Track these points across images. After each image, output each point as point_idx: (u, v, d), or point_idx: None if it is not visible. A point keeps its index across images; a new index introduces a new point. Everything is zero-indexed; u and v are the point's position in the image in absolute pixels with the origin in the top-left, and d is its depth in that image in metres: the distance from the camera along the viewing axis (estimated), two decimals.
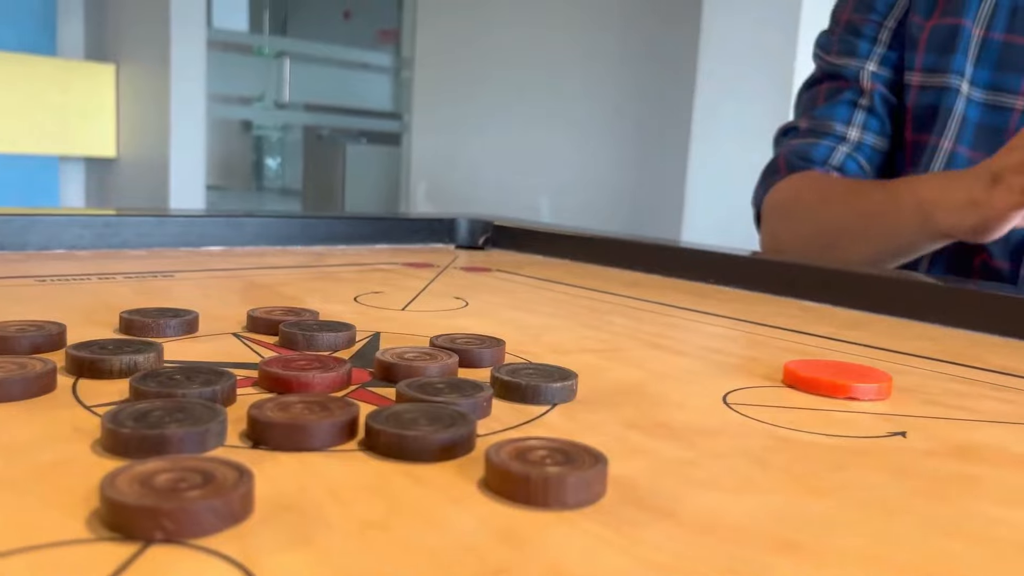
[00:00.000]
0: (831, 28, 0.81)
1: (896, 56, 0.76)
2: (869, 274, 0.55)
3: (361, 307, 0.46)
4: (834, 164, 0.75)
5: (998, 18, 0.70)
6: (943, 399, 0.34)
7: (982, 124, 0.71)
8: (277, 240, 0.69)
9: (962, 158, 0.71)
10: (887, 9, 0.76)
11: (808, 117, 0.78)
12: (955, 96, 0.71)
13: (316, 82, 4.61)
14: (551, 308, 0.50)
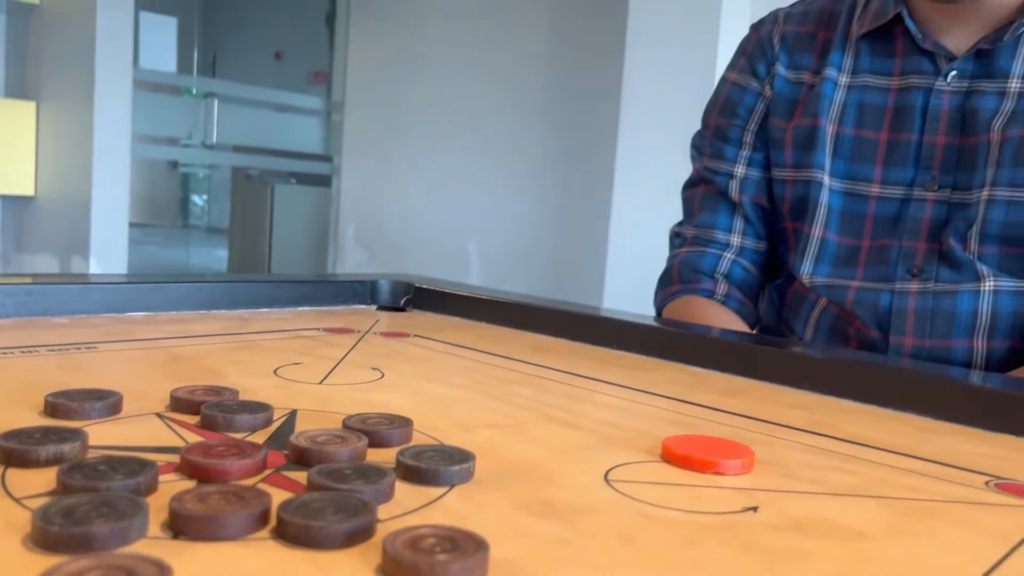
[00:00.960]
0: (702, 132, 0.89)
1: (762, 156, 0.83)
2: (750, 344, 0.60)
3: (280, 381, 0.49)
4: (722, 272, 0.83)
5: (847, 116, 0.77)
6: (798, 471, 0.38)
7: (844, 211, 0.78)
8: (201, 304, 0.70)
9: (831, 243, 0.79)
10: (748, 114, 0.84)
11: (693, 225, 0.86)
12: (819, 188, 0.78)
13: (245, 123, 4.59)
14: (462, 378, 0.53)
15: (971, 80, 0.73)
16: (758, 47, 0.85)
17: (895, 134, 0.76)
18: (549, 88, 3.91)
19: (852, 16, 0.80)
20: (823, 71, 0.79)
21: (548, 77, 3.92)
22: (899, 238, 0.75)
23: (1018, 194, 0.70)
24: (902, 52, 0.76)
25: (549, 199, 3.94)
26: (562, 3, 3.83)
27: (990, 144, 0.71)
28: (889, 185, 0.76)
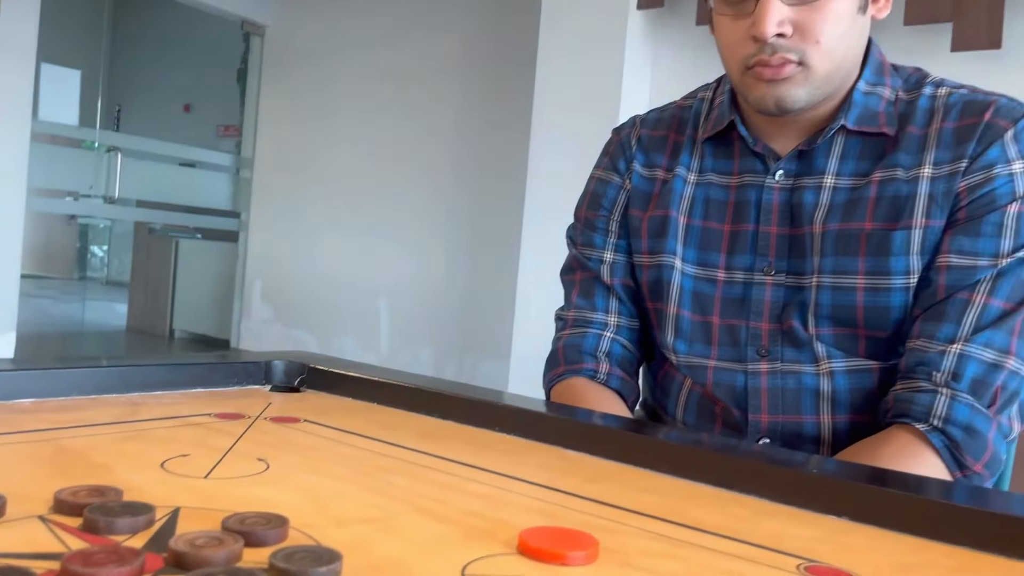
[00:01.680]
0: (574, 223, 0.98)
1: (625, 243, 0.93)
2: (615, 428, 0.65)
3: (166, 475, 0.51)
4: (603, 351, 0.90)
5: (695, 209, 0.87)
6: (636, 559, 0.43)
7: (695, 292, 0.86)
8: (92, 389, 0.72)
9: (686, 319, 0.87)
10: (612, 206, 0.93)
11: (574, 308, 0.94)
12: (672, 271, 0.87)
13: (151, 177, 4.50)
14: (345, 468, 0.57)
15: (795, 177, 0.82)
16: (619, 148, 0.95)
17: (736, 225, 0.85)
18: (459, 149, 4.00)
19: (697, 123, 0.90)
20: (674, 169, 0.89)
21: (458, 138, 4.01)
22: (746, 319, 0.83)
23: (840, 280, 0.78)
24: (738, 154, 0.86)
25: (458, 256, 4.00)
26: (472, 70, 3.94)
27: (814, 235, 0.80)
28: (733, 270, 0.85)
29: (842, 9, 0.74)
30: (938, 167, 0.76)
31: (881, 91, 0.81)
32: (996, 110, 0.76)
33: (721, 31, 0.80)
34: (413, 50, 4.11)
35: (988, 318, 0.72)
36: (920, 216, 0.76)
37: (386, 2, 4.19)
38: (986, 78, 2.67)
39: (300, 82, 4.57)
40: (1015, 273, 0.73)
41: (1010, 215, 0.73)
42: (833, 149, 0.81)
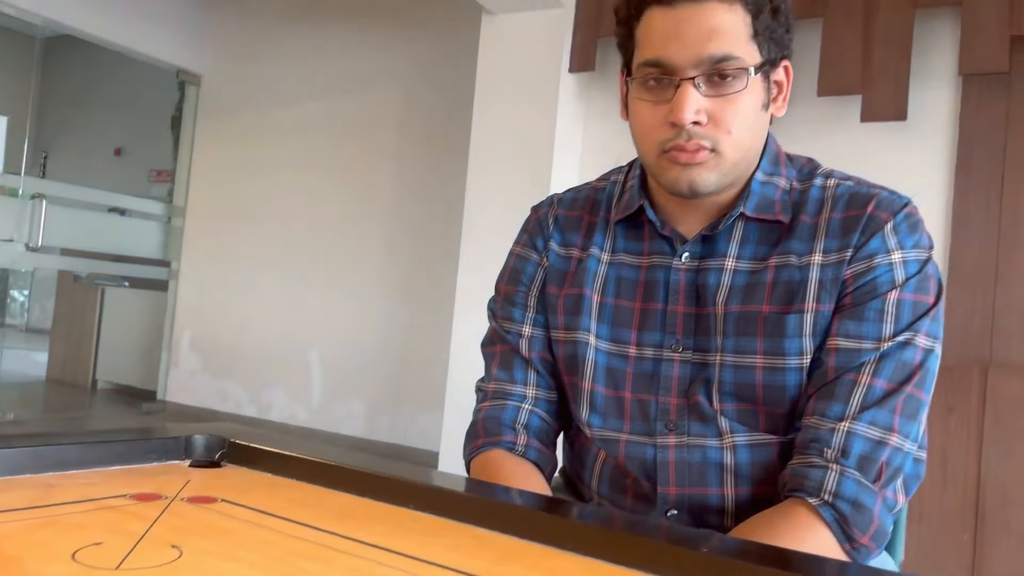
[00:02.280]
0: (495, 297, 1.01)
1: (542, 318, 0.96)
2: (526, 506, 0.68)
3: (78, 568, 0.52)
4: (522, 423, 0.93)
5: (608, 287, 0.91)
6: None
7: (608, 367, 0.90)
8: (4, 470, 0.71)
9: (599, 394, 0.90)
10: (530, 282, 0.97)
11: (494, 381, 0.97)
12: (586, 347, 0.91)
13: (78, 225, 4.41)
14: (258, 553, 0.58)
15: (700, 259, 0.87)
16: (537, 226, 0.99)
17: (646, 303, 0.89)
18: (395, 201, 4.03)
19: (610, 205, 0.95)
20: (588, 249, 0.94)
21: (395, 191, 4.04)
22: (655, 393, 0.87)
23: (741, 360, 0.83)
24: (648, 236, 0.91)
25: (393, 308, 4.00)
26: (410, 124, 3.99)
27: (717, 315, 0.85)
28: (644, 346, 0.89)
29: (749, 104, 0.81)
30: (827, 255, 0.82)
31: (777, 180, 0.87)
32: (877, 203, 0.82)
33: (639, 115, 0.84)
34: (351, 102, 4.16)
35: (873, 398, 0.77)
36: (811, 301, 0.81)
37: (325, 55, 4.24)
38: (893, 147, 2.84)
39: (236, 131, 4.57)
40: (896, 356, 0.78)
41: (890, 302, 0.79)
42: (734, 234, 0.87)
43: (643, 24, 0.82)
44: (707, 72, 0.78)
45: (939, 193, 2.69)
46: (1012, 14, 2.47)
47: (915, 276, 0.80)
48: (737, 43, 0.79)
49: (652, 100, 0.82)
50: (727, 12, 0.78)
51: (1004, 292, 2.54)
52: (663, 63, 0.79)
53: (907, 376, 0.78)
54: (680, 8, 0.79)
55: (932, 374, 0.81)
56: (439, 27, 3.88)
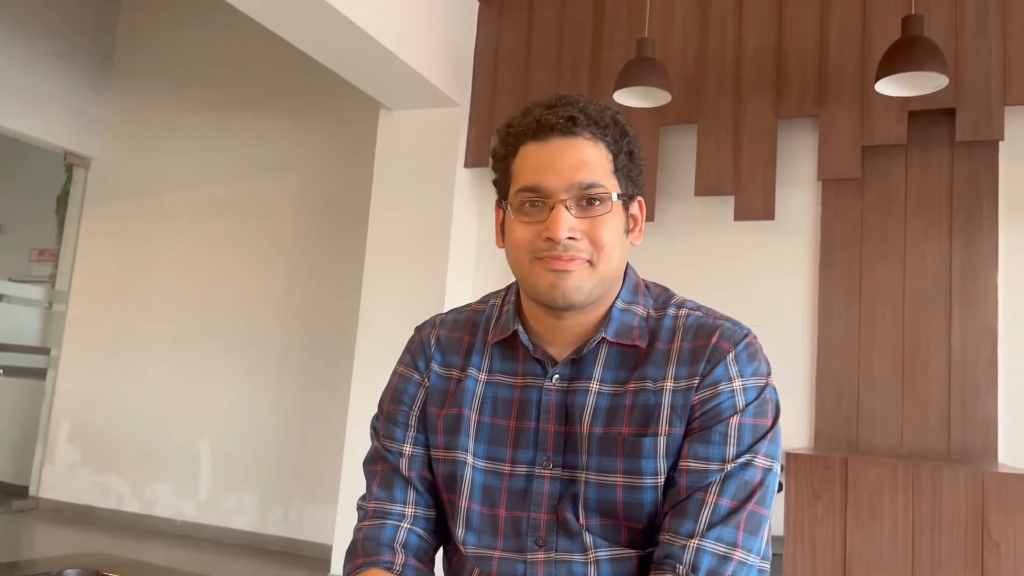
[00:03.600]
0: (378, 415, 1.03)
1: (423, 437, 0.99)
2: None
3: None
4: (400, 542, 0.95)
5: (485, 407, 0.95)
6: None
7: (485, 485, 0.93)
8: None
9: (476, 512, 0.93)
10: (411, 401, 1.00)
11: (374, 500, 0.99)
12: (464, 466, 0.94)
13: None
14: None
15: (568, 381, 0.92)
16: (419, 347, 1.02)
17: (520, 422, 0.93)
18: (292, 286, 3.98)
19: (488, 327, 1.00)
20: (467, 369, 0.98)
21: (290, 277, 4.00)
22: (527, 510, 0.91)
23: (604, 478, 0.88)
24: (522, 357, 0.95)
25: (287, 398, 3.91)
26: (307, 211, 3.99)
27: (583, 435, 0.90)
28: (517, 464, 0.92)
29: (615, 226, 0.90)
30: (677, 381, 0.89)
31: (635, 308, 0.95)
32: (721, 334, 0.91)
33: (516, 234, 0.90)
34: (247, 190, 4.14)
35: (719, 515, 0.84)
36: (664, 424, 0.88)
37: (221, 141, 4.23)
38: (764, 243, 3.06)
39: (126, 214, 4.46)
40: (738, 476, 0.85)
41: (732, 426, 0.87)
42: (598, 358, 0.92)
43: (520, 158, 0.90)
44: (577, 196, 0.87)
45: (806, 286, 2.90)
46: (863, 126, 2.74)
47: (754, 402, 0.88)
48: (602, 174, 0.88)
49: (528, 221, 0.89)
50: (593, 147, 0.89)
51: (866, 377, 2.74)
52: (539, 188, 0.87)
53: (749, 494, 0.85)
54: (553, 143, 0.88)
55: (771, 491, 0.87)
56: (338, 120, 3.95)
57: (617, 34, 3.12)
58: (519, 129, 0.91)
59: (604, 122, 0.90)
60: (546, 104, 0.91)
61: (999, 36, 2.62)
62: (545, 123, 0.88)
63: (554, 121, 0.88)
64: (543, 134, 0.89)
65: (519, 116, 0.92)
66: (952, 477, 2.19)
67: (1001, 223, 2.68)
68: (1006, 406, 2.60)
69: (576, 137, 0.88)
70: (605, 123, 0.90)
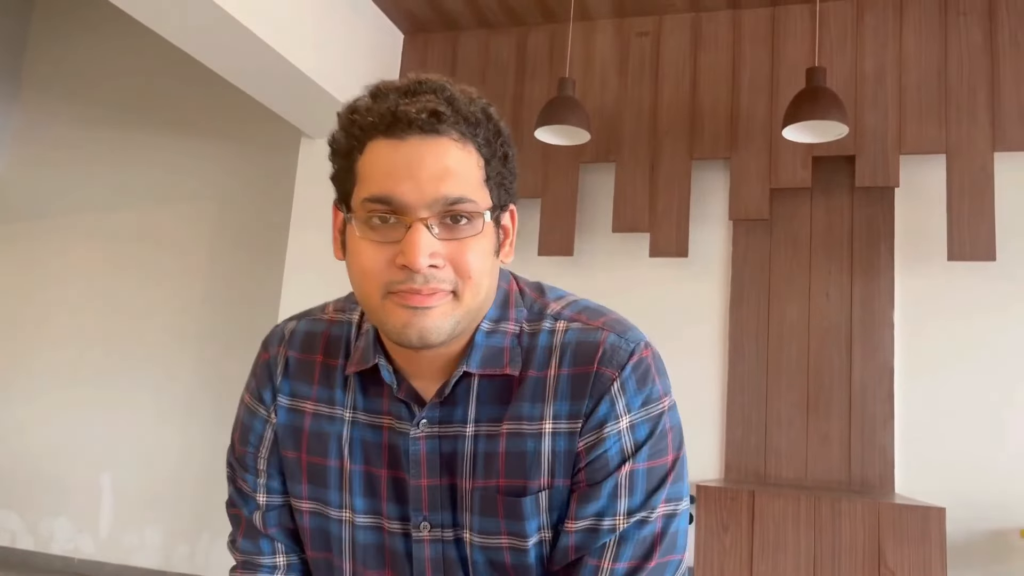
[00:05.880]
0: (232, 449, 0.88)
1: (278, 483, 0.84)
2: None
3: None
4: None
5: (355, 452, 0.80)
6: None
7: (367, 544, 0.80)
8: None
9: (359, 574, 0.80)
10: (259, 441, 0.84)
11: (240, 552, 0.87)
12: (340, 525, 0.80)
13: None
14: None
15: (439, 425, 0.77)
16: (265, 371, 0.85)
17: (392, 471, 0.78)
18: (206, 313, 3.87)
19: (348, 348, 0.82)
20: (325, 404, 0.81)
21: (205, 302, 3.89)
22: (412, 574, 0.78)
23: (488, 540, 0.76)
24: (387, 394, 0.79)
25: (196, 427, 3.78)
26: (224, 235, 3.90)
27: (463, 490, 0.76)
28: (394, 520, 0.79)
29: (484, 248, 0.72)
30: (557, 422, 0.75)
31: (505, 327, 0.78)
32: (603, 356, 0.75)
33: (361, 256, 0.71)
34: (161, 213, 4.03)
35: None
36: (546, 476, 0.75)
37: (134, 164, 4.11)
38: (678, 279, 3.13)
39: (26, 234, 4.27)
40: (634, 536, 0.74)
41: (623, 477, 0.74)
42: (470, 396, 0.77)
43: (367, 156, 0.71)
44: (441, 213, 0.69)
45: (717, 321, 3.00)
46: (771, 170, 2.87)
47: (647, 442, 0.75)
48: (471, 186, 0.70)
49: (378, 240, 0.70)
50: (461, 151, 0.70)
51: (773, 410, 2.84)
52: (392, 201, 0.69)
53: (647, 552, 0.74)
54: (411, 142, 0.69)
55: (680, 533, 0.77)
56: (258, 146, 3.89)
57: (539, 72, 3.19)
58: (367, 120, 0.71)
59: (475, 118, 0.71)
60: (402, 88, 0.71)
61: (895, 90, 2.80)
62: (402, 117, 0.69)
63: (413, 115, 0.69)
64: (398, 130, 0.69)
65: (367, 99, 0.72)
66: (851, 508, 2.28)
67: (897, 264, 2.83)
68: (902, 439, 2.74)
69: (440, 137, 0.69)
70: (476, 119, 0.71)
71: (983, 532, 2.62)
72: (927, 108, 2.76)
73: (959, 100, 2.74)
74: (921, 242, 2.83)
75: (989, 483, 2.65)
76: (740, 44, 3.01)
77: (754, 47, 2.99)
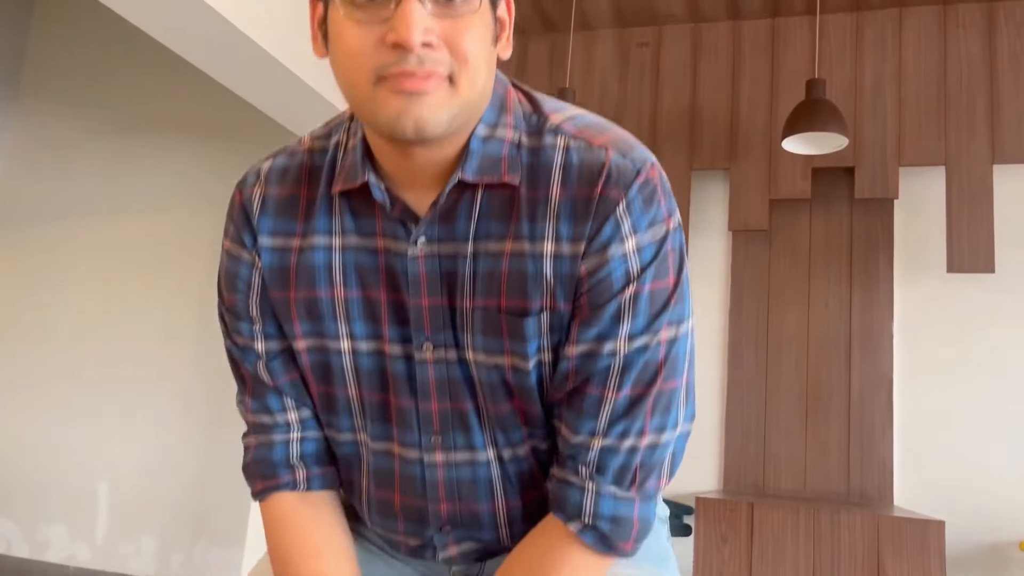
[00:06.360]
0: (221, 303, 0.84)
1: (273, 327, 0.80)
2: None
3: None
4: (296, 456, 0.81)
5: (349, 278, 0.76)
6: None
7: (370, 370, 0.77)
8: None
9: (365, 402, 0.78)
10: (247, 288, 0.80)
11: (251, 411, 0.82)
12: (340, 356, 0.77)
13: None
14: None
15: (438, 243, 0.73)
16: (241, 214, 0.80)
17: (392, 294, 0.75)
18: (203, 320, 3.85)
19: (333, 173, 0.77)
20: (311, 236, 0.77)
21: (203, 309, 3.87)
22: (415, 399, 0.76)
23: (491, 359, 0.74)
24: (379, 213, 0.75)
25: (193, 434, 3.77)
26: (220, 235, 3.91)
27: (464, 310, 0.73)
28: (395, 343, 0.76)
29: (482, 31, 0.66)
30: (559, 244, 0.71)
31: (502, 133, 0.73)
32: (607, 177, 0.71)
33: (346, 39, 0.65)
34: (159, 221, 4.03)
35: (620, 409, 0.72)
36: (548, 298, 0.72)
37: (132, 169, 4.11)
38: None
39: (23, 241, 4.27)
40: (637, 361, 0.71)
41: (626, 300, 0.70)
42: (472, 210, 0.73)
43: None
44: None
45: (717, 329, 3.00)
46: (770, 181, 2.87)
47: (651, 263, 0.71)
48: None
49: (365, 20, 0.64)
50: None
51: (772, 419, 2.84)
52: None
53: (652, 377, 0.72)
54: None
55: (683, 355, 0.74)
56: (258, 153, 3.89)
57: (539, 81, 3.20)
58: None
59: None
60: None
61: (894, 102, 2.80)
62: None
63: None
64: None
65: None
66: (849, 521, 2.28)
67: (896, 275, 2.84)
68: (901, 449, 2.74)
69: None
70: None
71: (982, 544, 2.62)
72: (926, 120, 2.77)
73: (958, 112, 2.75)
74: (920, 253, 2.84)
75: (988, 495, 2.65)
76: (740, 55, 3.02)
77: (754, 58, 3.00)
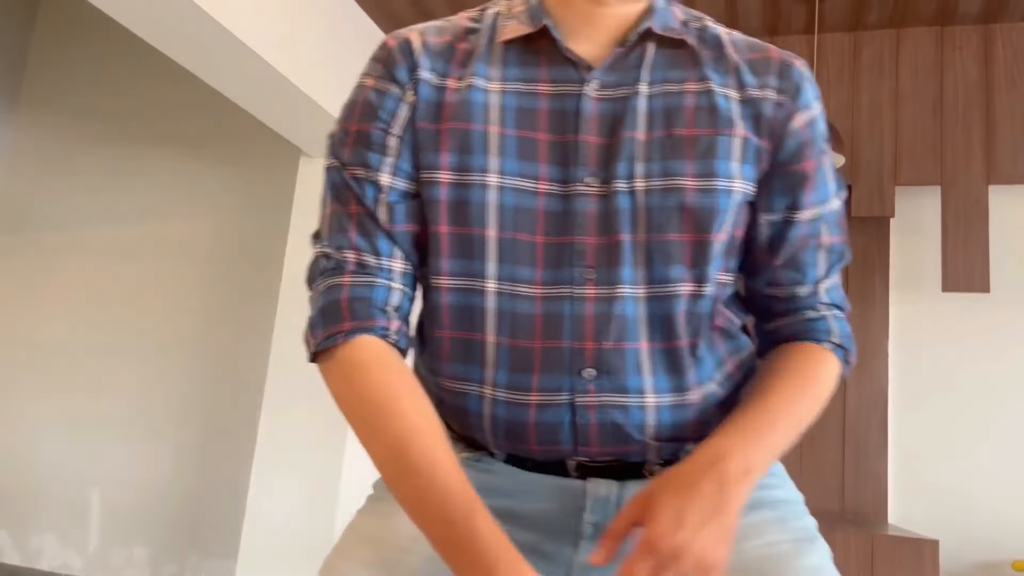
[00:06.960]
0: (341, 139, 0.79)
1: (408, 164, 0.78)
2: None
3: None
4: (393, 305, 0.77)
5: (507, 117, 0.76)
6: None
7: (516, 208, 0.75)
8: None
9: (504, 240, 0.75)
10: (390, 118, 0.77)
11: (352, 250, 0.77)
12: (484, 190, 0.75)
13: None
14: None
15: (613, 88, 0.76)
16: (398, 53, 0.79)
17: (555, 135, 0.76)
18: (200, 330, 3.85)
19: (492, 33, 0.80)
20: (469, 79, 0.77)
21: (199, 318, 3.88)
22: (571, 233, 0.75)
23: (669, 183, 0.74)
24: (546, 62, 0.77)
25: (188, 443, 3.76)
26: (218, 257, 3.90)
27: (637, 141, 0.75)
28: (554, 182, 0.75)
29: None
30: (744, 91, 0.77)
31: (674, 10, 0.81)
32: (782, 52, 0.80)
33: None
34: (155, 229, 4.03)
35: (834, 256, 0.83)
36: (738, 126, 0.76)
37: (129, 179, 4.12)
38: None
39: (18, 249, 4.27)
40: (836, 215, 0.83)
41: (827, 163, 0.81)
42: (644, 59, 0.77)
43: None
44: None
45: None
46: None
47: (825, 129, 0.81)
48: None
49: None
50: None
51: None
52: None
53: (843, 227, 0.84)
54: None
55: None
56: (256, 164, 3.90)
57: None
58: None
59: None
60: None
61: (891, 121, 2.82)
62: None
63: None
64: None
65: None
66: (844, 539, 2.28)
67: (892, 294, 2.85)
68: (895, 468, 2.74)
69: None
70: None
71: (975, 563, 2.62)
72: (923, 140, 2.78)
73: (954, 133, 2.76)
74: (916, 272, 2.85)
75: (982, 514, 2.65)
76: None
77: None
